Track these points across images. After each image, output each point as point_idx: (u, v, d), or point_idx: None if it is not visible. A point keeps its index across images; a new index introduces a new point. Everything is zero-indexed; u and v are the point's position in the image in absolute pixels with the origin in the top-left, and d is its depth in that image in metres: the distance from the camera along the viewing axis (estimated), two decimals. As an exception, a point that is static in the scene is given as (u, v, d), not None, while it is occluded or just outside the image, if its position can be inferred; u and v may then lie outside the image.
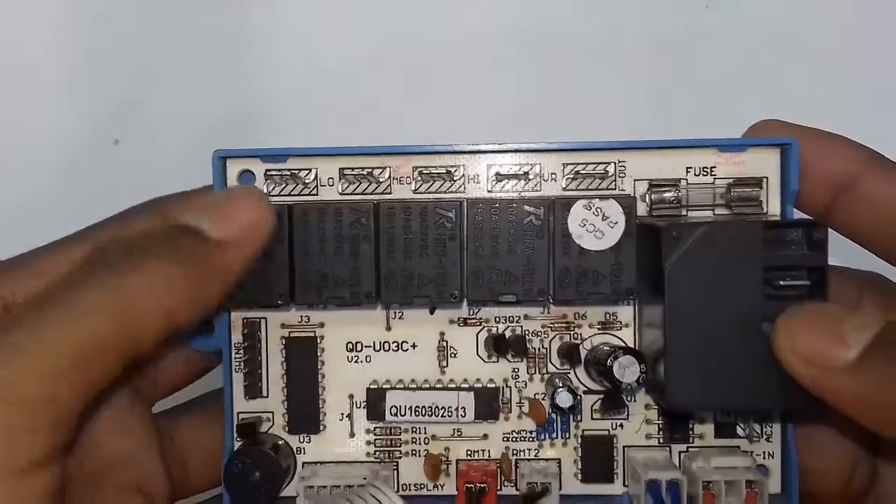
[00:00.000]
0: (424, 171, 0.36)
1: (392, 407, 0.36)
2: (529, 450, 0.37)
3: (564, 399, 0.35)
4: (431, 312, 0.37)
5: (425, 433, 0.37)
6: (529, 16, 0.54)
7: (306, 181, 0.37)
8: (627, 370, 0.34)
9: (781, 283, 0.32)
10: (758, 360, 0.31)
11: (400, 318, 0.37)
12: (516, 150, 0.36)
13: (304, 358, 0.37)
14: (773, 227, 0.32)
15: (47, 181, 0.53)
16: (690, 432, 0.37)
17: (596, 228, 0.34)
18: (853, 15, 0.53)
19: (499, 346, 0.36)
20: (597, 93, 0.54)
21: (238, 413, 0.37)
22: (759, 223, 0.32)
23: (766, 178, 0.36)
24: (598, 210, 0.34)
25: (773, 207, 0.36)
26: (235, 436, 0.36)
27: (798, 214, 0.36)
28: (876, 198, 0.35)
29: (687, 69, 0.53)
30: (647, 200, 0.36)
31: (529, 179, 0.36)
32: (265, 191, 0.37)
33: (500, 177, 0.36)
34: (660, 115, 0.46)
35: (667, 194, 0.36)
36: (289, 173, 0.37)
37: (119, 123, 0.54)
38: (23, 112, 0.54)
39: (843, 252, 0.36)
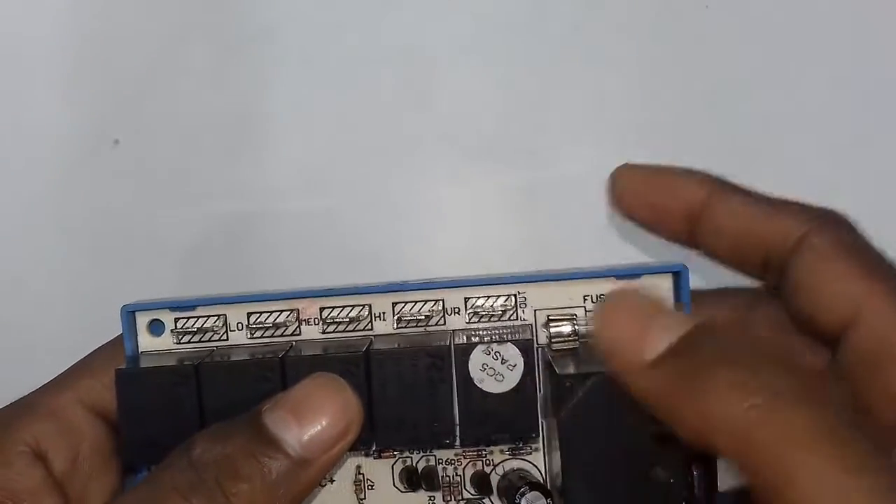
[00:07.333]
0: (330, 318, 0.37)
1: (312, 543, 0.37)
2: (451, 576, 0.38)
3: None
4: (346, 447, 0.38)
5: (347, 565, 0.38)
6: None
7: (215, 328, 0.37)
8: (534, 505, 0.35)
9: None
10: (647, 502, 0.33)
11: (316, 454, 0.38)
12: (419, 289, 0.37)
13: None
14: None
15: (47, 181, 0.53)
16: None
17: (496, 372, 0.35)
18: (854, 15, 0.53)
19: (411, 479, 0.37)
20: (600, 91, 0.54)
21: None
22: None
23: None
24: (497, 354, 0.35)
25: (670, 328, 0.37)
26: None
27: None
28: (720, 225, 0.36)
29: (686, 69, 0.53)
30: (547, 333, 0.37)
31: (433, 315, 0.37)
32: (174, 341, 0.37)
33: (404, 314, 0.37)
34: (659, 117, 0.45)
35: (564, 328, 0.37)
36: (196, 320, 0.37)
37: (119, 123, 0.53)
38: (22, 112, 0.53)
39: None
